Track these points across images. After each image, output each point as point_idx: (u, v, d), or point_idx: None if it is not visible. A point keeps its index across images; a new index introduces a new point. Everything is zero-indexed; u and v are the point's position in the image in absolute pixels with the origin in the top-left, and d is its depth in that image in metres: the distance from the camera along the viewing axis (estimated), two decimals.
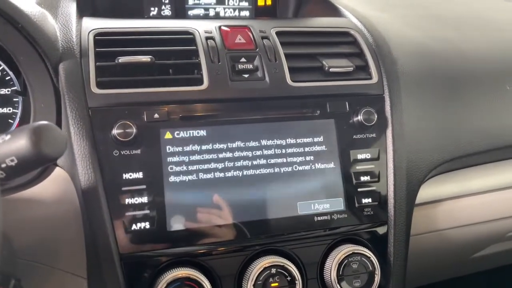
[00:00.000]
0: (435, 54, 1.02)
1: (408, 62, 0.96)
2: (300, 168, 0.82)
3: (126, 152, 0.74)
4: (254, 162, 0.80)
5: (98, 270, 0.73)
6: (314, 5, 1.12)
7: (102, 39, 0.82)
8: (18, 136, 0.54)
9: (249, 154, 0.80)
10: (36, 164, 0.57)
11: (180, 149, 0.77)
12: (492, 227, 1.05)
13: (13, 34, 0.74)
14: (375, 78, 0.90)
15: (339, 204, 0.83)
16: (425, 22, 1.14)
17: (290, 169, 0.81)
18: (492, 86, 1.04)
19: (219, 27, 0.88)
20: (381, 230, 0.86)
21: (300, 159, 0.82)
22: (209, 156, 0.78)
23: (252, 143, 0.81)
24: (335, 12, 1.06)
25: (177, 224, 0.75)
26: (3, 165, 0.54)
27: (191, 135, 0.78)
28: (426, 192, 0.94)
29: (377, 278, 0.81)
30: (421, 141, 0.92)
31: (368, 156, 0.86)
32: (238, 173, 0.79)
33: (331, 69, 0.87)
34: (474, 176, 1.01)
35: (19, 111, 0.88)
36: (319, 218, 0.81)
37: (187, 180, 0.76)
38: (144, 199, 0.74)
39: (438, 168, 0.95)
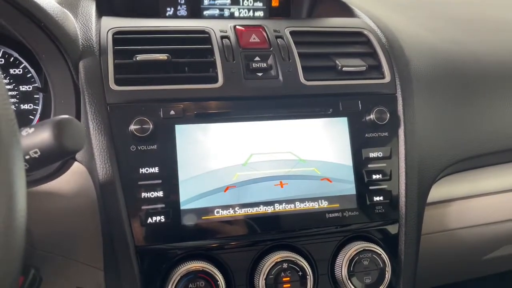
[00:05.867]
0: (448, 56, 1.02)
1: (421, 62, 0.97)
2: (313, 165, 0.83)
3: (142, 148, 0.76)
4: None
5: (114, 262, 0.75)
6: (328, 6, 1.13)
7: (121, 37, 0.84)
8: (41, 129, 0.56)
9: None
10: (58, 157, 0.58)
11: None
12: (504, 228, 1.05)
13: (36, 32, 0.77)
14: (387, 78, 0.91)
15: (350, 201, 0.84)
16: (438, 24, 1.14)
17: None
18: (505, 88, 1.03)
19: (234, 26, 0.89)
20: (392, 228, 0.86)
21: (312, 156, 0.83)
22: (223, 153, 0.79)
23: (265, 140, 0.82)
24: (348, 12, 1.07)
25: (191, 218, 0.76)
26: (27, 157, 0.56)
27: (206, 131, 0.79)
28: (437, 191, 0.94)
29: (388, 275, 0.82)
30: (433, 141, 0.92)
31: (380, 154, 0.87)
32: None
33: (344, 68, 0.88)
34: (485, 176, 1.01)
35: (39, 107, 0.90)
36: (330, 215, 0.82)
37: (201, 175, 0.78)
38: (160, 193, 0.76)
39: (450, 168, 0.95)
